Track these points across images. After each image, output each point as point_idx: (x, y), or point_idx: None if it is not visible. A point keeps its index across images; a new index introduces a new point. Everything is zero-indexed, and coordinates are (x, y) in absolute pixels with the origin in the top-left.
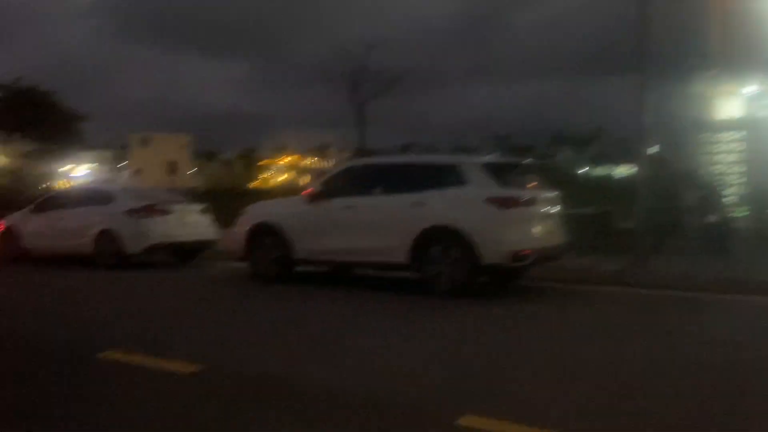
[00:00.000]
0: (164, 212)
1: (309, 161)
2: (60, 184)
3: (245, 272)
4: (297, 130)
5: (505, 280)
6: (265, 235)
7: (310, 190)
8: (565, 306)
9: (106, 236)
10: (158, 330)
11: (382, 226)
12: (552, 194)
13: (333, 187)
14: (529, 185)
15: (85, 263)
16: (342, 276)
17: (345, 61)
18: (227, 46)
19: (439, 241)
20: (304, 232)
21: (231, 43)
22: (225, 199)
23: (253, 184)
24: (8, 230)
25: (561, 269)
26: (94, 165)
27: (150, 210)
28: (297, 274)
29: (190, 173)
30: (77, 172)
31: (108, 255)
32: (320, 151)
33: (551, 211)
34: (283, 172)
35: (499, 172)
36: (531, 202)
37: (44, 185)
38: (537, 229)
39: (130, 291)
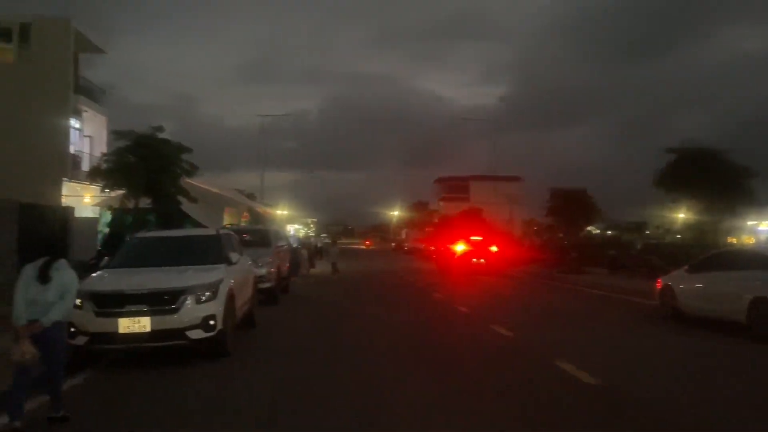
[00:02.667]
0: None
1: None
2: (745, 240)
3: None
4: None
5: None
6: None
7: None
8: None
9: (760, 305)
10: None
11: None
12: None
13: None
14: None
15: (739, 332)
16: None
17: None
18: None
19: None
20: None
21: None
22: None
23: None
24: (665, 288)
25: None
26: None
27: None
28: None
29: None
30: (762, 227)
31: (763, 326)
32: None
33: None
34: None
35: None
36: None
37: (728, 241)
38: None
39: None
